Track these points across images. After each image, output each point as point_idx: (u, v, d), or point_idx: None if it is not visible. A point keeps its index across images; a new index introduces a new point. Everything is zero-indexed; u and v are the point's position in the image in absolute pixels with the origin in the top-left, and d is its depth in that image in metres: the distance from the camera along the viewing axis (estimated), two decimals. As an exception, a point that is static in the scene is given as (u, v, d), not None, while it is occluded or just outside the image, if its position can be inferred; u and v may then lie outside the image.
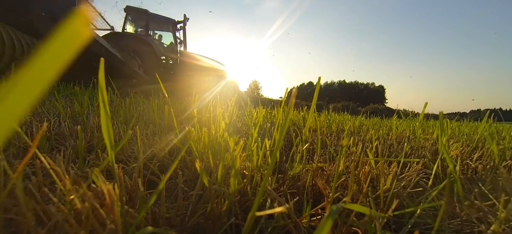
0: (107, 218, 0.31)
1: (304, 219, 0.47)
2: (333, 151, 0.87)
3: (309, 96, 45.57)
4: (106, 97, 0.35)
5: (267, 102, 4.76)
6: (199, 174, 0.46)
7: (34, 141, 0.30)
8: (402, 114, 2.59)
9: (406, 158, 1.00)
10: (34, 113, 1.12)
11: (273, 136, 0.88)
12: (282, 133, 0.30)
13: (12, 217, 0.35)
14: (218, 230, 0.42)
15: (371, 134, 1.43)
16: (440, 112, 0.66)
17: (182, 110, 1.70)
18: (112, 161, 0.37)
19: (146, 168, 0.70)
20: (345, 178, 0.64)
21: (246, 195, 0.52)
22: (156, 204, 0.53)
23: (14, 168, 0.45)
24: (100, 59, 0.29)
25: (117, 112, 1.12)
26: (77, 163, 0.59)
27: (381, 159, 0.57)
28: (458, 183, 0.50)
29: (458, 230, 0.50)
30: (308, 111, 2.29)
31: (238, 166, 0.41)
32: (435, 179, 0.78)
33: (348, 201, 0.48)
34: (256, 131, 0.63)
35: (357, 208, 0.35)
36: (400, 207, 0.59)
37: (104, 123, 0.34)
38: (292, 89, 0.30)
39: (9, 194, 0.36)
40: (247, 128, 1.45)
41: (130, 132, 0.43)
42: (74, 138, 0.81)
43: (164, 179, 0.33)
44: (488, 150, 1.17)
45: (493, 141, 0.66)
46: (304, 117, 1.79)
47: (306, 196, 0.57)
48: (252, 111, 1.92)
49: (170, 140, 0.86)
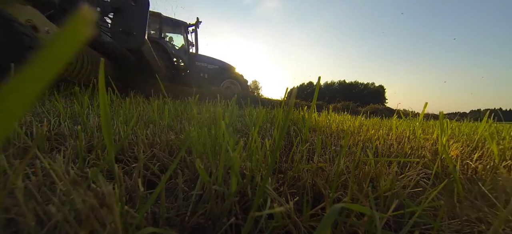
0: (107, 218, 0.31)
1: (304, 219, 0.47)
2: (333, 150, 0.87)
3: (309, 96, 45.54)
4: (106, 97, 0.35)
5: (267, 102, 4.76)
6: (199, 174, 0.46)
7: (34, 141, 0.30)
8: (402, 115, 2.59)
9: (406, 158, 1.00)
10: (34, 113, 1.12)
11: (273, 136, 0.88)
12: (282, 132, 0.30)
13: (12, 217, 0.35)
14: (218, 230, 0.42)
15: (371, 134, 1.43)
16: (440, 113, 0.67)
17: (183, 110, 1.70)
18: (112, 161, 0.37)
19: (146, 168, 0.70)
20: (345, 178, 0.64)
21: (246, 195, 0.52)
22: (156, 204, 0.53)
23: (14, 168, 0.45)
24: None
25: (117, 112, 1.12)
26: (77, 163, 0.59)
27: (381, 159, 0.57)
28: (458, 183, 0.50)
29: (458, 230, 0.50)
30: (308, 111, 2.29)
31: (238, 166, 0.41)
32: (435, 179, 0.78)
33: (348, 201, 0.48)
34: (256, 131, 0.63)
35: (357, 208, 0.35)
36: (400, 207, 0.59)
37: (104, 123, 0.34)
38: (292, 89, 0.30)
39: (9, 194, 0.36)
40: (247, 128, 1.45)
41: (130, 131, 0.43)
42: (74, 138, 0.81)
43: (164, 179, 0.33)
44: (488, 150, 1.17)
45: (493, 141, 0.66)
46: (304, 116, 1.78)
47: (306, 196, 0.58)
48: (252, 111, 1.92)
49: (170, 140, 0.86)
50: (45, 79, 0.10)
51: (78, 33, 0.10)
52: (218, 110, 0.57)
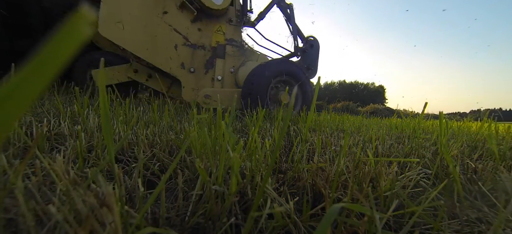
0: (107, 218, 0.31)
1: (304, 219, 0.47)
2: (333, 150, 0.87)
3: (309, 96, 45.34)
4: (107, 97, 0.35)
5: None
6: (199, 174, 0.46)
7: (34, 141, 0.30)
8: (402, 115, 2.59)
9: (406, 158, 1.00)
10: (34, 113, 1.12)
11: (273, 135, 0.88)
12: (282, 132, 0.30)
13: (12, 217, 0.35)
14: (218, 230, 0.42)
15: (371, 133, 1.43)
16: (440, 112, 0.66)
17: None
18: (112, 161, 0.37)
19: (146, 168, 0.70)
20: (345, 178, 0.64)
21: (246, 195, 0.52)
22: (156, 204, 0.53)
23: (14, 168, 0.45)
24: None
25: (117, 112, 1.12)
26: (77, 163, 0.59)
27: (381, 159, 0.57)
28: (458, 183, 0.50)
29: (458, 230, 0.50)
30: (308, 111, 2.29)
31: (238, 166, 0.41)
32: (435, 179, 0.78)
33: (348, 201, 0.48)
34: (256, 131, 0.63)
35: (357, 208, 0.35)
36: (400, 207, 0.59)
37: (104, 122, 0.34)
38: (292, 89, 0.30)
39: (9, 194, 0.36)
40: (247, 128, 1.45)
41: (130, 131, 0.43)
42: (74, 138, 0.81)
43: (164, 179, 0.33)
44: (488, 150, 1.17)
45: (493, 141, 0.66)
46: (303, 116, 1.79)
47: (306, 196, 0.58)
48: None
49: (170, 140, 0.86)
50: (45, 80, 0.10)
51: (78, 33, 0.10)
52: (218, 109, 0.58)
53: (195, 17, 2.28)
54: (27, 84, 0.10)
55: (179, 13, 2.22)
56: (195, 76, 2.35)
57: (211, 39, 2.39)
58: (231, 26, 2.46)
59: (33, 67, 0.10)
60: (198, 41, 2.33)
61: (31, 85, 0.10)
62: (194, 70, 2.33)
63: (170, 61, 2.21)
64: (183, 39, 2.26)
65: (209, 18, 2.35)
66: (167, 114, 1.18)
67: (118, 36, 2.01)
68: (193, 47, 2.31)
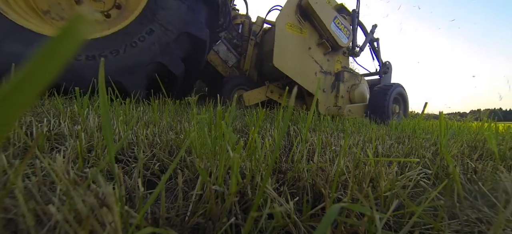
0: (107, 218, 0.31)
1: (304, 219, 0.47)
2: (333, 150, 0.87)
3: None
4: (107, 97, 0.35)
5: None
6: (199, 174, 0.46)
7: (34, 141, 0.30)
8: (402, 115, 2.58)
9: (406, 158, 1.00)
10: (34, 113, 1.12)
11: (273, 135, 0.88)
12: (282, 132, 0.30)
13: (12, 217, 0.35)
14: (218, 230, 0.42)
15: (371, 134, 1.43)
16: (440, 112, 0.66)
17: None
18: (112, 161, 0.37)
19: (146, 168, 0.70)
20: (345, 178, 0.64)
21: (246, 195, 0.52)
22: (156, 204, 0.53)
23: (14, 168, 0.45)
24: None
25: (117, 112, 1.12)
26: (77, 163, 0.59)
27: (381, 159, 0.57)
28: (458, 183, 0.50)
29: (458, 230, 0.50)
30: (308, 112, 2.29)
31: (238, 166, 0.41)
32: (435, 179, 0.78)
33: (348, 201, 0.48)
34: (256, 131, 0.63)
35: (357, 208, 0.35)
36: (400, 207, 0.59)
37: (104, 122, 0.34)
38: (293, 89, 0.30)
39: (9, 194, 0.36)
40: (247, 127, 1.45)
41: (130, 131, 0.43)
42: (74, 138, 0.81)
43: (164, 178, 0.33)
44: (488, 150, 1.17)
45: (494, 141, 0.66)
46: (303, 116, 1.78)
47: (306, 196, 0.58)
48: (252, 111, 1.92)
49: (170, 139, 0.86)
50: (44, 81, 0.10)
51: (76, 34, 0.10)
52: (218, 109, 0.58)
53: (326, 51, 3.10)
54: (27, 85, 0.10)
55: (318, 49, 3.06)
56: (326, 95, 3.17)
57: (334, 67, 3.23)
58: (345, 57, 3.32)
59: (32, 67, 0.10)
60: (327, 69, 3.17)
61: (31, 86, 0.10)
62: (325, 90, 3.13)
63: (312, 84, 3.00)
64: (320, 67, 3.08)
65: (334, 51, 3.19)
66: (167, 114, 1.18)
67: (285, 66, 2.75)
68: (325, 73, 3.14)
